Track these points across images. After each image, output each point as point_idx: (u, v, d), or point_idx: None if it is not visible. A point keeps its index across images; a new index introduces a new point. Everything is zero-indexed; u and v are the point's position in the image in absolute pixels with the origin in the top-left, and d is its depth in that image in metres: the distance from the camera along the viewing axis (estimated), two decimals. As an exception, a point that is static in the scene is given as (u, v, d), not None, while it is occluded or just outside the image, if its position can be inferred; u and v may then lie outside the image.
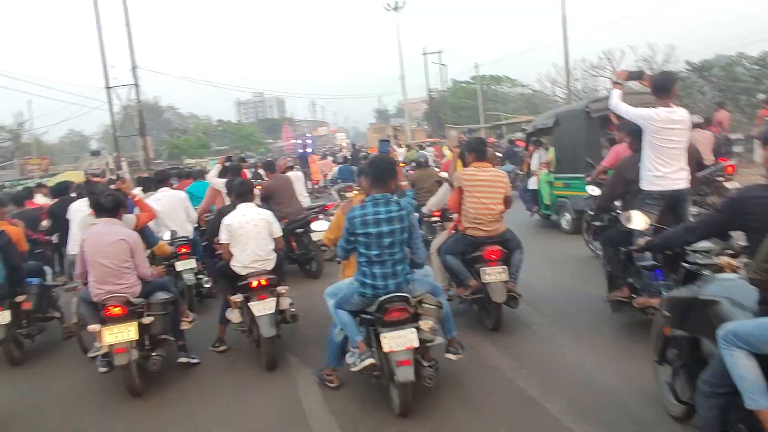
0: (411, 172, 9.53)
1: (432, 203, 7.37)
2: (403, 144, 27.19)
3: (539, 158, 11.24)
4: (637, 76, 5.56)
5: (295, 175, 10.48)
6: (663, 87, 4.87)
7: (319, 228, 6.72)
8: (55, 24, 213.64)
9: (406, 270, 3.99)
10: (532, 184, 10.95)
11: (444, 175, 8.18)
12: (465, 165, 5.64)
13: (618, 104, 5.06)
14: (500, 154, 16.62)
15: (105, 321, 4.59)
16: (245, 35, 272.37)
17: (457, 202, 5.45)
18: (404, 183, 4.58)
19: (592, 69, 34.37)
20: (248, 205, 5.43)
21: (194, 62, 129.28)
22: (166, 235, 6.55)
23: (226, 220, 5.27)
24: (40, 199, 10.61)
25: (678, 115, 4.77)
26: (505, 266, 5.25)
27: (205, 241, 6.77)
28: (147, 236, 5.59)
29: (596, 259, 7.27)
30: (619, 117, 5.80)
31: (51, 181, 20.92)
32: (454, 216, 5.82)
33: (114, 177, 21.13)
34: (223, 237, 5.26)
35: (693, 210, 5.33)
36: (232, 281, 5.34)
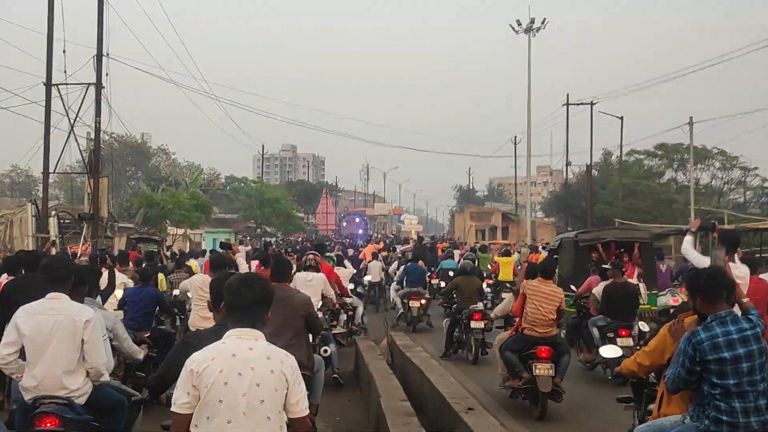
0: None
1: (498, 310, 8.54)
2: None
3: None
4: (710, 227, 5.90)
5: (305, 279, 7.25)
6: (732, 243, 5.31)
7: (609, 354, 5.39)
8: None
9: None
10: None
11: None
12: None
13: (688, 251, 5.57)
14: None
15: None
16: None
17: (519, 307, 6.83)
18: (746, 300, 4.04)
19: None
20: (243, 333, 2.64)
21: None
22: None
23: (193, 362, 2.60)
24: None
25: (740, 271, 5.15)
26: (553, 363, 6.50)
27: (152, 398, 3.78)
28: None
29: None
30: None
31: None
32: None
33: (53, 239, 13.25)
34: (181, 397, 2.58)
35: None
36: None
